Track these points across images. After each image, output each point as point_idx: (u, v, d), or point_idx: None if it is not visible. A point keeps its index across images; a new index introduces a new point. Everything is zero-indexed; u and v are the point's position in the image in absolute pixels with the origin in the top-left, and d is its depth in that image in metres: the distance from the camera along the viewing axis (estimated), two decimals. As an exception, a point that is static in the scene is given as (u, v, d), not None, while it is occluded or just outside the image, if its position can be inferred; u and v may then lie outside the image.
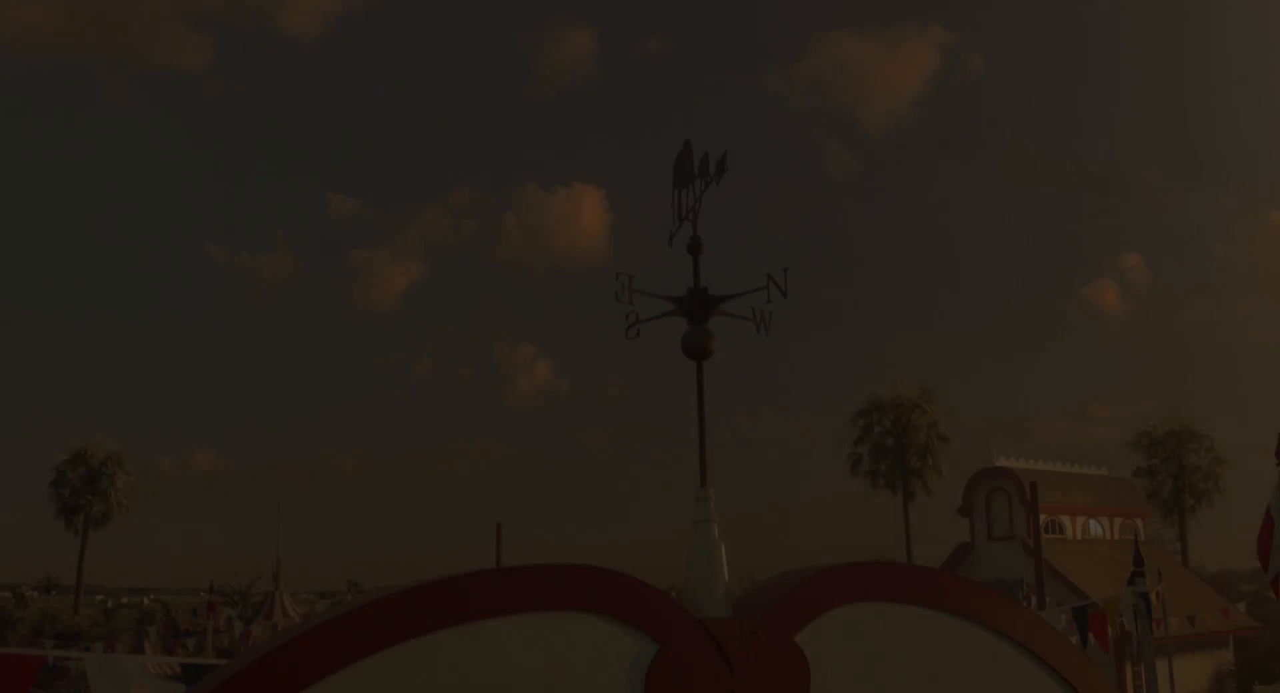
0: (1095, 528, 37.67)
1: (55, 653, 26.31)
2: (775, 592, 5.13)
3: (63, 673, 32.20)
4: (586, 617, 4.73)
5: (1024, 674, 6.12)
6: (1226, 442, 50.84)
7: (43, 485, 54.35)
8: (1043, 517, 32.82)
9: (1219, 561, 79.47)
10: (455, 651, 4.59)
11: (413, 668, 4.51)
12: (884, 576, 5.67)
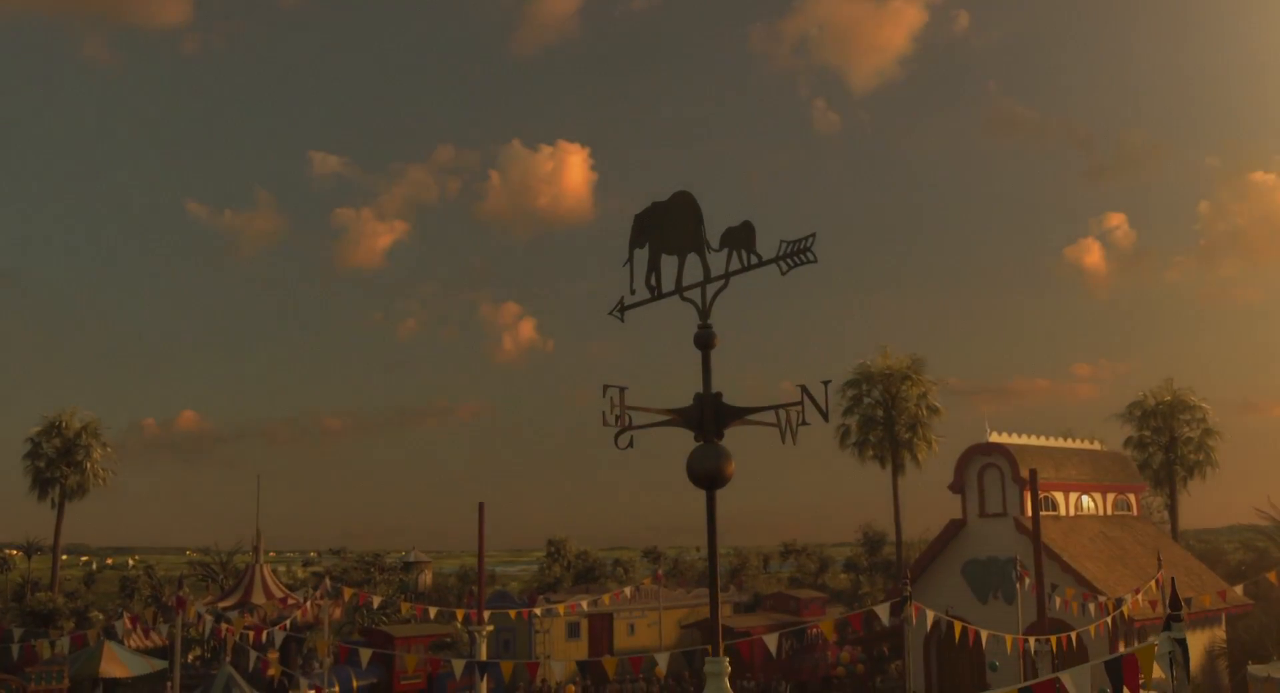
0: (1088, 503, 37.16)
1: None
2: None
3: (33, 658, 31.48)
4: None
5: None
6: (1210, 400, 50.43)
7: (21, 448, 53.35)
8: (1035, 494, 32.28)
9: (1200, 520, 79.71)
10: None
11: None
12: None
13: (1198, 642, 34.21)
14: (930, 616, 19.65)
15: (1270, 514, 45.73)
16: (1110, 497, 38.13)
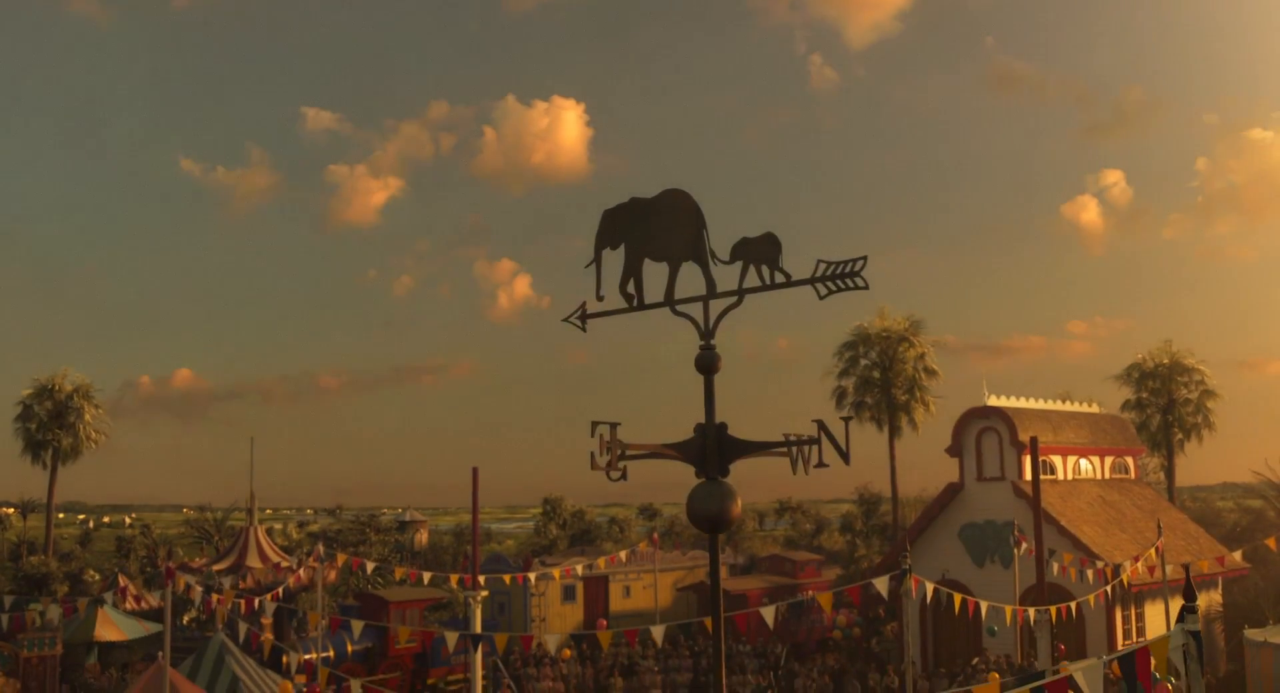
0: (1086, 467, 36.95)
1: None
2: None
3: (24, 626, 31.32)
4: None
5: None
6: (1205, 358, 50.20)
7: (12, 410, 52.95)
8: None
9: (1195, 477, 79.62)
10: None
11: None
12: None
13: (1194, 606, 34.14)
14: (930, 587, 19.43)
15: (1267, 476, 45.59)
16: (1108, 460, 37.93)
